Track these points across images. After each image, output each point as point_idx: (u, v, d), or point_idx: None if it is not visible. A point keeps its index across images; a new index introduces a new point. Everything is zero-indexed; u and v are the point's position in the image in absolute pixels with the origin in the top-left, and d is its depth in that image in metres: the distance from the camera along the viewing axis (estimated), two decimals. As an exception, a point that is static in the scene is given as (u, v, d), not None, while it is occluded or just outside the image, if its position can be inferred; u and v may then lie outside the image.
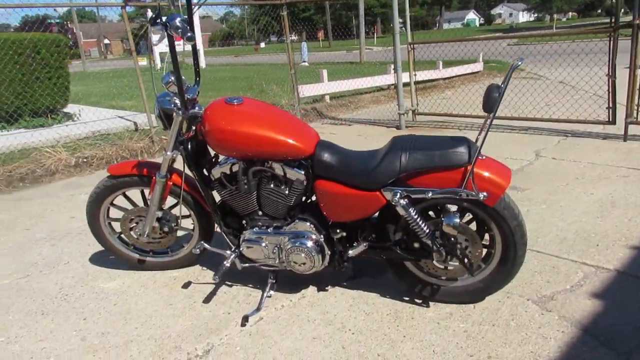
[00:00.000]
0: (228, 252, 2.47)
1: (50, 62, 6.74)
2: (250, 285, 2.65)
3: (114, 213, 2.79)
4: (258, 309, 2.38)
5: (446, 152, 2.03)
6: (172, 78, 2.29)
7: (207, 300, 2.54)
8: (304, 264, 2.32)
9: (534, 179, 4.01)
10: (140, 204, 2.75)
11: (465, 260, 2.17)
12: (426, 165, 2.05)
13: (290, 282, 2.61)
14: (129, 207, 2.75)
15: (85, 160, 5.73)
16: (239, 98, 2.33)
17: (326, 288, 2.57)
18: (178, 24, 2.05)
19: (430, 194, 2.07)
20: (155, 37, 2.19)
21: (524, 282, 2.49)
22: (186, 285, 2.70)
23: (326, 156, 2.22)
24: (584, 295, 2.34)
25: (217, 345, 2.17)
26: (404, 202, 2.09)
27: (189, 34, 2.04)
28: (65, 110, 7.67)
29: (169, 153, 2.44)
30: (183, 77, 2.38)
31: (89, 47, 63.05)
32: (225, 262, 2.40)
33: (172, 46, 2.15)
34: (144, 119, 6.94)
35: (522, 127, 5.93)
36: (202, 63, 19.04)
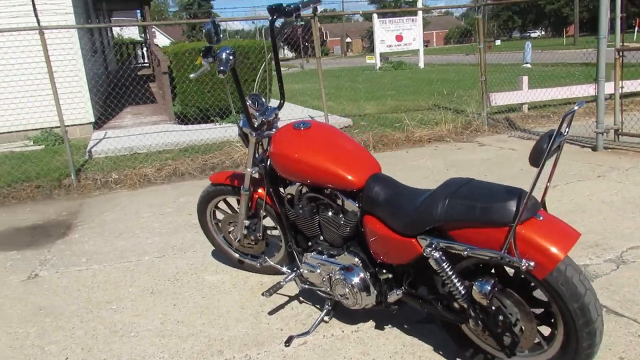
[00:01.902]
0: (288, 270, 2.53)
1: (256, 66, 7.66)
2: (318, 307, 2.67)
3: (221, 215, 3.10)
4: (307, 333, 2.39)
5: (489, 206, 1.73)
6: (249, 101, 2.44)
7: (273, 312, 2.65)
8: (348, 299, 2.25)
9: None
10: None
11: (508, 335, 1.81)
12: (465, 218, 1.78)
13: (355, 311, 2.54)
14: (230, 212, 3.03)
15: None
16: (307, 122, 2.37)
17: (385, 325, 2.44)
18: (223, 56, 2.16)
19: (466, 252, 1.79)
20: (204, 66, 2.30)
21: (622, 378, 1.95)
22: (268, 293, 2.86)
23: (374, 192, 2.10)
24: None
25: (253, 358, 2.27)
26: (437, 255, 1.85)
27: (221, 67, 2.13)
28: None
29: (248, 169, 2.61)
30: (263, 100, 2.52)
31: (332, 45, 68.93)
32: (281, 281, 2.48)
33: (235, 77, 2.27)
34: (337, 119, 7.48)
35: None
36: (420, 63, 19.08)
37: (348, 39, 67.28)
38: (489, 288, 1.73)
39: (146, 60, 19.90)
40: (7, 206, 5.16)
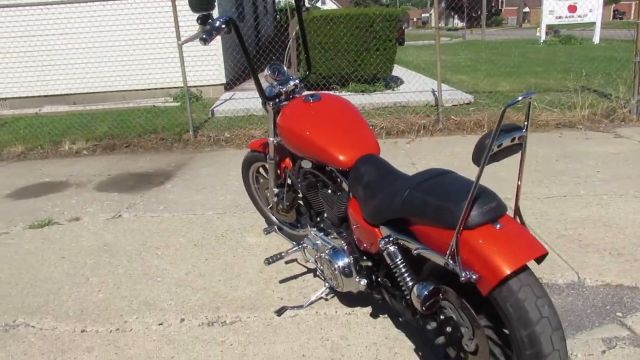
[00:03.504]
0: (294, 243, 2.53)
1: (380, 35, 7.49)
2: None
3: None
4: (300, 306, 2.39)
5: (441, 205, 1.52)
6: (269, 71, 2.44)
7: (284, 281, 2.69)
8: (331, 280, 2.18)
9: None
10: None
11: (455, 349, 1.60)
12: (419, 214, 1.59)
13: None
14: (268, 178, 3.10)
15: (371, 127, 6.32)
16: (317, 95, 2.30)
17: (380, 314, 2.33)
18: (216, 24, 2.13)
19: (416, 251, 1.61)
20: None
21: None
22: (290, 262, 2.90)
23: (357, 174, 1.98)
24: None
25: (242, 320, 2.35)
26: (392, 249, 1.70)
27: (203, 35, 2.10)
28: (397, 75, 8.48)
29: (271, 139, 2.62)
30: (284, 69, 2.49)
31: (508, 15, 63.88)
32: (282, 253, 2.49)
33: (242, 45, 2.26)
34: (458, 95, 7.08)
35: None
36: (595, 38, 16.71)
37: (526, 9, 61.67)
38: (426, 293, 1.54)
39: (302, 27, 20.64)
40: (134, 154, 5.91)
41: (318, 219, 2.49)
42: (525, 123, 1.38)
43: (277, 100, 2.45)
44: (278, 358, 2.08)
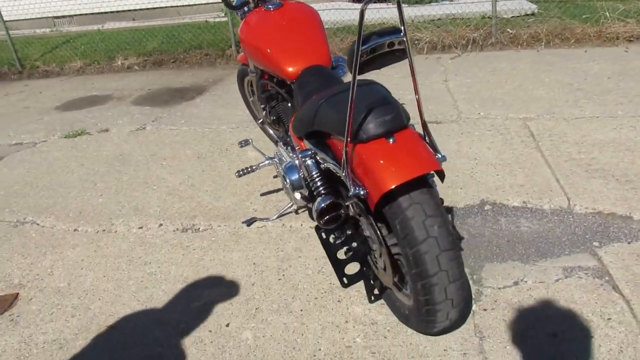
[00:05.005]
0: (266, 155, 2.54)
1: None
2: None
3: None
4: (267, 219, 2.46)
5: (338, 117, 1.45)
6: (236, -21, 2.35)
7: (265, 194, 2.75)
8: (287, 194, 2.20)
9: None
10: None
11: (362, 265, 1.58)
12: (327, 127, 1.53)
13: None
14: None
15: (416, 42, 5.97)
16: (279, 3, 2.19)
17: (342, 231, 2.33)
18: None
19: (323, 164, 1.56)
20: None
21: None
22: (276, 176, 2.94)
23: (299, 85, 1.91)
24: None
25: (213, 228, 2.47)
26: (310, 162, 1.66)
27: None
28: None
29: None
30: (255, -24, 2.38)
31: None
32: (253, 166, 2.51)
33: None
34: (520, 5, 6.42)
35: None
36: None
37: None
38: (323, 206, 1.51)
39: None
40: (179, 69, 6.06)
41: (288, 133, 2.47)
42: (403, 27, 1.24)
43: (245, 9, 2.38)
44: (231, 264, 2.18)
